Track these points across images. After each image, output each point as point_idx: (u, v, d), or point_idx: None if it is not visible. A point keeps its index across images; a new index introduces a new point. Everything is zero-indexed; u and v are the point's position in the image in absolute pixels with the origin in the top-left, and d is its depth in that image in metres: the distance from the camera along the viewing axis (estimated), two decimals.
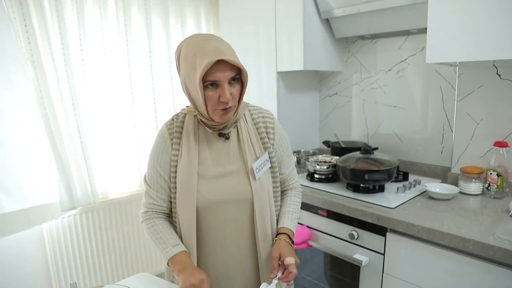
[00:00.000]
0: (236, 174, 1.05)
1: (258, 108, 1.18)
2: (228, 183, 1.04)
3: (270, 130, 1.13)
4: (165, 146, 1.06)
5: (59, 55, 1.99)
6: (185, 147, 1.04)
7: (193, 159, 1.03)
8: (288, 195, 1.22)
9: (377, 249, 1.49)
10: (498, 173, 1.55)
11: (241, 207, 1.05)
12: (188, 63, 0.94)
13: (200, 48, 0.91)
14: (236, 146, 1.08)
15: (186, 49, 0.95)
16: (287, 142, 1.19)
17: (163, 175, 1.06)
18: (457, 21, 1.39)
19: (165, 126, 1.08)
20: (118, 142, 2.32)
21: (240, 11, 2.35)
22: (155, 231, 1.06)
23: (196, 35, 0.98)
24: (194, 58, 0.92)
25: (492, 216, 1.38)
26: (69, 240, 2.15)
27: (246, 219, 1.07)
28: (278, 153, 1.15)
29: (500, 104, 1.61)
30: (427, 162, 1.97)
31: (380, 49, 2.09)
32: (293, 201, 1.20)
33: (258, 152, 1.08)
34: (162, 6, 2.40)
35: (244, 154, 1.06)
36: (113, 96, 2.25)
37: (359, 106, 2.25)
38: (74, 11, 2.04)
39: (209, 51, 0.90)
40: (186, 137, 1.04)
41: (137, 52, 2.32)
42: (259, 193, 1.05)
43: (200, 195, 1.01)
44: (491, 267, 1.16)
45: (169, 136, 1.06)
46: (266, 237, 1.08)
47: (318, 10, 2.03)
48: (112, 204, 2.32)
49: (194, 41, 0.95)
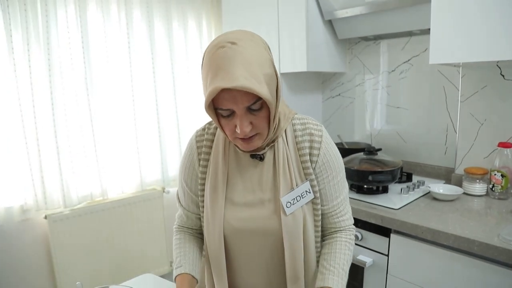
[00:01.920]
0: (267, 203, 0.89)
1: (304, 121, 0.95)
2: (257, 213, 0.89)
3: (314, 151, 0.91)
4: (192, 160, 0.95)
5: (56, 57, 2.00)
6: (213, 165, 0.91)
7: (220, 181, 0.90)
8: (338, 240, 0.95)
9: (381, 250, 1.49)
10: (502, 173, 1.55)
11: (270, 241, 0.90)
12: (203, 78, 0.80)
13: (213, 65, 0.75)
14: (271, 170, 0.90)
15: (205, 59, 0.79)
16: (336, 167, 0.93)
17: (190, 193, 0.98)
18: (460, 21, 1.39)
19: (195, 137, 0.96)
20: (122, 143, 2.33)
21: (242, 12, 2.36)
22: (175, 244, 1.02)
23: (222, 37, 0.78)
24: (206, 75, 0.77)
25: (496, 217, 1.38)
26: (74, 240, 2.16)
27: (275, 255, 0.91)
28: (320, 180, 0.92)
29: (504, 104, 1.61)
30: (431, 163, 1.96)
31: (383, 50, 2.09)
32: (344, 249, 0.93)
33: (296, 180, 0.89)
34: (164, 10, 2.41)
35: (277, 183, 0.89)
36: (114, 99, 2.26)
37: (362, 107, 2.25)
38: (77, 14, 2.05)
39: (219, 73, 0.73)
40: (215, 154, 0.92)
41: (139, 54, 2.33)
42: (291, 229, 0.87)
43: (227, 222, 0.90)
44: (496, 268, 1.16)
45: (197, 149, 0.95)
46: (297, 279, 0.90)
47: (321, 11, 2.04)
48: (117, 204, 2.33)
49: (213, 50, 0.76)
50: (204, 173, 0.94)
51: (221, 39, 0.78)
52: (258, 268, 0.94)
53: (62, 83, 2.03)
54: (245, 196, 0.91)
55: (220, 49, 0.75)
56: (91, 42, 2.12)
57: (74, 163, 2.12)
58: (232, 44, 0.75)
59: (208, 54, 0.78)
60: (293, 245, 0.88)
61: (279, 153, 0.89)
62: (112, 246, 2.33)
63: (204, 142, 0.94)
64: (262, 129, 0.82)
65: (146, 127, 2.42)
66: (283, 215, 0.87)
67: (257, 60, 0.76)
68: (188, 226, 1.05)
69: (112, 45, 2.21)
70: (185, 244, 1.01)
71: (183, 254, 0.98)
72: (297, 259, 0.89)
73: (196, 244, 1.03)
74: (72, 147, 2.11)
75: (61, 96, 2.03)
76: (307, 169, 0.90)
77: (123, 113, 2.31)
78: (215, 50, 0.76)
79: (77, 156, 2.13)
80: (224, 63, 0.73)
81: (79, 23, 2.06)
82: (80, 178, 2.17)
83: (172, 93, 2.52)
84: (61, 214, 2.09)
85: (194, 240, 1.03)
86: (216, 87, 0.72)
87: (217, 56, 0.75)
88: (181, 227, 1.05)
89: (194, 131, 0.98)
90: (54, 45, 1.98)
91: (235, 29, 0.84)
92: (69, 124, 2.09)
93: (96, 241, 2.26)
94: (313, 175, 0.90)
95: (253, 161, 0.91)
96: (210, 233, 0.92)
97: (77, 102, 2.10)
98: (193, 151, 0.95)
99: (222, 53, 0.74)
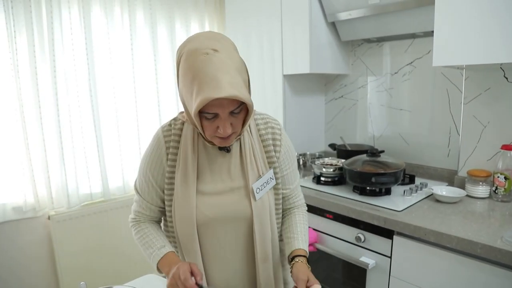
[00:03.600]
0: (237, 191, 0.98)
1: (264, 116, 1.07)
2: (228, 201, 0.97)
3: (277, 142, 1.04)
4: (160, 154, 0.98)
5: (61, 59, 2.02)
6: (182, 159, 0.96)
7: (191, 173, 0.95)
8: (296, 214, 1.11)
9: (384, 252, 1.49)
10: (505, 176, 1.54)
11: (241, 226, 1.00)
12: (186, 83, 0.83)
13: (200, 72, 0.79)
14: (238, 160, 0.99)
15: (187, 62, 0.82)
16: (293, 155, 1.10)
17: (156, 186, 0.99)
18: (464, 24, 1.39)
19: (161, 132, 0.99)
20: (125, 144, 2.34)
21: (246, 14, 2.36)
22: (141, 236, 1.01)
23: (200, 41, 0.83)
24: (192, 82, 0.80)
25: (499, 219, 1.38)
26: (77, 240, 2.17)
27: (246, 238, 1.01)
28: (283, 168, 1.06)
29: (507, 107, 1.61)
30: (434, 165, 1.96)
31: (386, 52, 2.10)
32: (302, 220, 1.10)
33: (261, 169, 1.00)
34: (167, 11, 2.42)
35: (246, 171, 0.98)
36: (116, 100, 2.28)
37: (365, 109, 2.25)
38: (81, 15, 2.06)
39: (208, 82, 0.77)
40: (183, 148, 0.96)
41: (141, 55, 2.34)
42: (260, 212, 0.98)
43: (199, 212, 0.95)
44: (499, 270, 1.16)
45: (165, 144, 0.97)
46: (266, 258, 1.02)
47: (324, 13, 2.04)
48: (119, 205, 2.33)
49: (195, 55, 0.81)
50: (172, 167, 0.97)
51: (201, 44, 0.82)
52: (230, 253, 1.02)
53: (67, 85, 2.05)
54: (216, 186, 0.97)
55: (203, 56, 0.80)
56: (94, 43, 2.14)
57: (77, 163, 2.14)
58: (215, 51, 0.81)
59: (189, 59, 0.82)
60: (263, 227, 0.99)
61: (245, 145, 0.99)
62: (115, 246, 2.34)
63: (172, 137, 0.97)
64: (238, 128, 0.90)
65: (149, 128, 2.43)
66: (253, 200, 0.97)
67: (237, 67, 0.84)
68: (148, 219, 1.05)
69: (115, 46, 2.22)
70: (157, 230, 1.03)
71: (159, 238, 1.00)
72: (266, 240, 1.01)
73: (160, 229, 1.06)
74: (76, 147, 2.13)
75: (65, 98, 2.05)
76: (271, 158, 1.02)
77: (126, 114, 2.33)
78: (197, 56, 0.80)
79: (80, 157, 2.15)
80: (211, 72, 0.78)
81: (82, 25, 2.07)
82: (83, 179, 2.18)
83: (174, 94, 2.53)
84: (64, 215, 2.11)
85: (156, 226, 1.06)
86: (207, 97, 0.77)
87: (201, 63, 0.79)
88: (139, 220, 1.05)
89: (159, 128, 1.01)
90: (58, 47, 2.00)
91: (204, 31, 0.92)
92: (73, 125, 2.10)
93: (99, 241, 2.27)
94: (276, 163, 1.03)
95: (220, 153, 0.98)
96: (182, 224, 0.97)
97: (80, 103, 2.12)
98: (161, 146, 0.97)
99: (206, 61, 0.79)
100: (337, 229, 1.66)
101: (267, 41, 2.25)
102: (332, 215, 1.67)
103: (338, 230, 1.66)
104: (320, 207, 1.70)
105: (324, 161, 2.00)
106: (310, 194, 1.74)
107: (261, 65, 2.33)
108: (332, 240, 1.69)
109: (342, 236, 1.65)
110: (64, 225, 2.12)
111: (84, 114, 2.14)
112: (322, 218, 1.72)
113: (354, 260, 1.56)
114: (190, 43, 0.85)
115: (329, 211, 1.67)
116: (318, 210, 1.72)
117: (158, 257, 0.95)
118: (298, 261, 0.98)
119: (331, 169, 1.86)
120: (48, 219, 2.09)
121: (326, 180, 1.88)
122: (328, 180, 1.88)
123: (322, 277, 1.87)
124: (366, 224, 1.53)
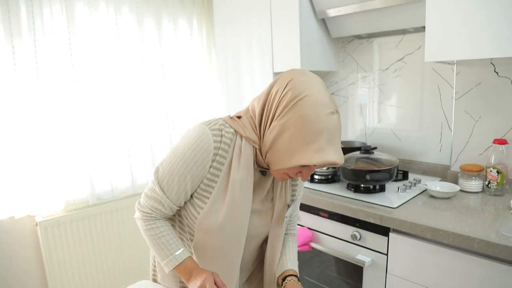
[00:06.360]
0: (264, 214, 1.02)
1: None
2: (253, 221, 0.99)
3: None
4: (206, 158, 0.90)
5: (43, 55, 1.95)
6: (227, 172, 0.92)
7: (248, 190, 0.94)
8: (289, 240, 1.15)
9: (380, 250, 1.48)
10: (498, 170, 1.55)
11: (257, 246, 1.07)
12: (305, 130, 0.82)
13: (327, 131, 0.82)
14: (270, 185, 1.02)
15: (312, 111, 0.82)
16: (303, 186, 1.14)
17: (187, 188, 0.92)
18: (456, 19, 1.39)
19: (211, 135, 0.90)
20: (114, 146, 2.29)
21: (234, 11, 2.33)
22: (156, 234, 0.95)
23: (321, 93, 0.85)
24: (316, 135, 0.82)
25: (494, 214, 1.38)
26: (66, 247, 2.11)
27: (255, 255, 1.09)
28: (296, 194, 1.10)
29: (498, 101, 1.62)
30: (426, 160, 1.97)
31: (376, 48, 2.09)
32: (294, 246, 1.15)
33: (288, 199, 1.04)
34: (154, 8, 2.37)
35: (275, 199, 1.02)
36: (104, 100, 2.22)
37: (356, 105, 2.25)
38: (63, 11, 1.99)
39: (331, 145, 0.83)
40: (235, 162, 0.92)
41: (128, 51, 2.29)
42: (275, 237, 1.04)
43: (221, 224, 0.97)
44: (496, 265, 1.16)
45: (213, 149, 0.90)
46: (272, 280, 1.07)
47: (314, 10, 2.02)
48: (109, 209, 2.28)
49: (322, 109, 0.83)
50: (214, 175, 0.92)
51: (328, 100, 0.85)
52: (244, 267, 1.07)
53: (49, 86, 1.98)
54: (254, 205, 0.99)
55: (331, 116, 0.84)
56: (79, 40, 2.07)
57: (63, 167, 2.08)
58: (337, 113, 0.86)
59: (316, 110, 0.82)
60: (274, 252, 1.05)
61: None
62: (106, 252, 2.29)
63: (222, 145, 0.91)
64: None
65: (136, 129, 2.38)
66: (274, 227, 1.03)
67: None
68: (164, 216, 0.99)
69: (101, 42, 2.16)
70: (173, 231, 0.99)
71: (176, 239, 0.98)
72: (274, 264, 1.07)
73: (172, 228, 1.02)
74: (62, 151, 2.07)
75: (48, 97, 1.98)
76: (294, 191, 1.07)
77: (113, 115, 2.27)
78: (324, 111, 0.83)
79: (65, 161, 2.08)
80: (336, 136, 0.85)
81: (65, 22, 2.01)
82: (69, 183, 2.12)
83: (163, 92, 2.49)
84: (52, 220, 2.05)
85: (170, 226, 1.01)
86: (330, 161, 0.83)
87: (330, 123, 0.83)
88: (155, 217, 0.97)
89: (205, 126, 0.91)
90: (40, 41, 1.92)
91: (312, 74, 0.91)
92: (59, 128, 2.04)
93: (90, 246, 2.22)
94: (297, 191, 1.08)
95: (258, 173, 1.00)
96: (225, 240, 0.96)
97: (63, 104, 2.05)
98: (209, 149, 0.90)
99: (335, 122, 0.84)
100: (333, 227, 1.65)
101: (257, 38, 2.22)
102: (327, 213, 1.65)
103: (334, 228, 1.65)
104: (315, 205, 1.69)
105: None
106: (304, 193, 1.72)
107: (251, 63, 2.30)
108: (327, 239, 1.68)
109: (337, 234, 1.64)
110: (52, 231, 2.05)
111: (68, 117, 2.08)
112: (316, 217, 1.70)
113: (351, 258, 1.55)
114: (310, 90, 0.84)
115: (323, 210, 1.66)
116: (312, 209, 1.71)
117: (177, 262, 0.94)
118: (291, 280, 1.02)
119: (324, 167, 1.84)
120: (36, 226, 2.02)
121: (320, 178, 1.87)
122: (322, 178, 1.86)
123: (315, 274, 1.87)
124: (362, 222, 1.52)
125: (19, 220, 1.99)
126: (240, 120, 0.95)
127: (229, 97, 2.52)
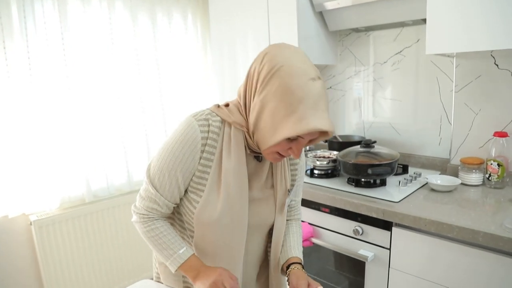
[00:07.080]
0: (265, 202, 0.99)
1: None
2: (254, 210, 0.96)
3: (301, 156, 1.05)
4: (194, 150, 0.88)
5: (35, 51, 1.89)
6: (218, 162, 0.90)
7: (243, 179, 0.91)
8: (293, 225, 1.13)
9: (382, 244, 1.47)
10: (498, 163, 1.55)
11: (262, 235, 1.04)
12: (286, 101, 0.78)
13: (308, 98, 0.77)
14: (268, 171, 0.99)
15: (291, 80, 0.78)
16: (304, 168, 1.12)
17: (180, 183, 0.90)
18: (457, 11, 1.38)
19: (198, 127, 0.88)
20: (108, 145, 2.25)
21: (230, 4, 2.29)
22: (156, 235, 0.93)
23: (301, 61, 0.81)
24: (298, 104, 0.77)
25: (496, 206, 1.38)
26: (62, 246, 2.07)
27: (261, 247, 1.06)
28: (297, 179, 1.07)
29: (498, 94, 1.62)
30: (425, 154, 1.96)
31: (374, 41, 2.07)
32: (298, 232, 1.13)
33: (289, 184, 1.02)
34: (148, 2, 2.33)
35: (275, 185, 0.99)
36: (97, 97, 2.18)
37: (354, 99, 2.23)
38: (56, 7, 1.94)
39: (315, 111, 0.77)
40: (226, 151, 0.90)
41: (122, 47, 2.25)
42: (280, 226, 1.02)
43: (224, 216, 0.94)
44: (501, 258, 1.16)
45: (201, 140, 0.88)
46: (277, 267, 1.05)
47: (311, 3, 2.00)
48: (105, 206, 2.24)
49: (301, 76, 0.78)
50: (206, 167, 0.90)
51: (308, 67, 0.81)
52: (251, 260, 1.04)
53: (42, 83, 1.93)
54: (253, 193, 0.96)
55: (313, 82, 0.79)
56: (72, 35, 2.02)
57: (57, 164, 2.03)
58: (319, 79, 0.81)
59: (294, 78, 0.78)
60: (278, 239, 1.03)
61: None
62: (102, 250, 2.26)
63: (210, 134, 0.89)
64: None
65: (133, 126, 2.34)
66: (278, 214, 1.00)
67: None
68: (161, 215, 0.97)
69: (94, 38, 2.11)
70: (173, 230, 0.97)
71: (177, 238, 0.95)
72: (278, 250, 1.05)
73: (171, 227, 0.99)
74: (56, 149, 2.02)
75: (41, 96, 1.94)
76: (294, 175, 1.05)
77: (108, 112, 2.23)
78: (304, 79, 0.78)
79: (59, 158, 2.04)
80: (321, 102, 0.79)
81: (57, 17, 1.95)
82: (64, 181, 2.08)
83: (156, 88, 2.45)
84: (47, 219, 2.00)
85: (169, 225, 0.98)
86: (315, 127, 0.76)
87: (311, 90, 0.78)
88: (153, 217, 0.95)
89: (191, 117, 0.90)
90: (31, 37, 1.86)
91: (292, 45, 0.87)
92: (53, 126, 2.00)
93: (86, 245, 2.18)
94: (297, 175, 1.05)
95: (253, 160, 0.97)
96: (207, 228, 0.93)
97: (59, 100, 2.01)
98: (196, 141, 0.88)
99: (317, 89, 0.79)
100: (334, 222, 1.64)
101: (253, 32, 2.19)
102: (328, 208, 1.64)
103: (335, 223, 1.63)
104: (316, 200, 1.67)
105: (317, 154, 1.97)
106: (304, 188, 1.69)
107: (247, 57, 2.27)
108: (329, 234, 1.66)
109: (339, 229, 1.62)
110: (47, 230, 2.01)
111: (62, 113, 2.03)
112: (318, 212, 1.69)
113: (353, 253, 1.54)
114: (287, 59, 0.80)
115: (325, 205, 1.65)
116: (313, 204, 1.69)
117: (181, 260, 0.92)
118: (295, 267, 1.00)
119: (325, 162, 1.83)
120: (30, 225, 1.98)
121: (320, 173, 1.85)
122: (322, 173, 1.85)
123: (315, 269, 1.86)
124: (364, 217, 1.51)
125: (13, 219, 1.94)
126: (226, 108, 0.93)
127: (225, 92, 2.49)
